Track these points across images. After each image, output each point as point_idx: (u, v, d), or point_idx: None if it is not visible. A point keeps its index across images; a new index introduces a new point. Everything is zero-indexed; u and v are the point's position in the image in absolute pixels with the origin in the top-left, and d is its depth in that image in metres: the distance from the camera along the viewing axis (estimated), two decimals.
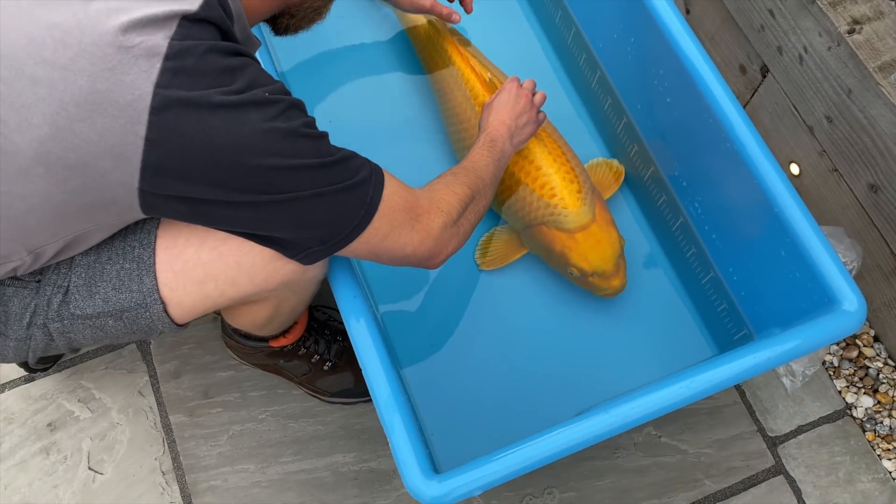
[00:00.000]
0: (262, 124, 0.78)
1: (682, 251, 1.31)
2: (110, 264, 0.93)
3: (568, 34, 1.47)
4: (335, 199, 0.85)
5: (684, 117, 1.18)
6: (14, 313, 0.95)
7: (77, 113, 0.74)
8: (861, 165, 1.24)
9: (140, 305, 0.93)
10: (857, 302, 0.97)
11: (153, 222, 0.95)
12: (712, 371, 0.94)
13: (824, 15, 1.19)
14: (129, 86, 0.73)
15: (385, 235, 0.91)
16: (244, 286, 0.95)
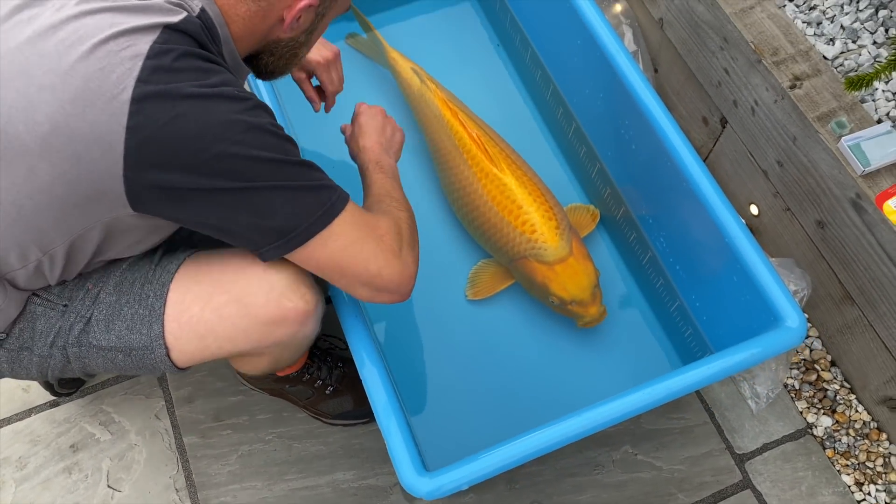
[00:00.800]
0: (230, 115, 0.87)
1: (652, 283, 1.45)
2: (128, 307, 1.06)
3: (546, 91, 1.64)
4: (293, 194, 0.91)
5: (648, 163, 1.33)
6: (40, 331, 1.07)
7: (72, 109, 0.85)
8: (808, 204, 1.39)
9: (147, 347, 1.06)
10: (798, 319, 1.10)
11: (168, 276, 1.06)
12: (675, 378, 1.06)
13: (769, 73, 1.36)
14: (115, 82, 0.85)
15: (348, 244, 0.96)
16: (240, 344, 1.07)
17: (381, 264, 1.00)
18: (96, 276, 1.08)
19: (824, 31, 1.40)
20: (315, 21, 1.04)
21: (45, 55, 0.87)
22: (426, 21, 1.82)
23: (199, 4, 0.93)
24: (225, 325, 1.04)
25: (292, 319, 1.05)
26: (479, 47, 1.79)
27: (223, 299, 1.03)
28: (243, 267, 1.04)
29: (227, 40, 0.97)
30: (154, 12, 0.89)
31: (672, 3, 1.58)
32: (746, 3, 1.42)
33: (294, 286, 1.04)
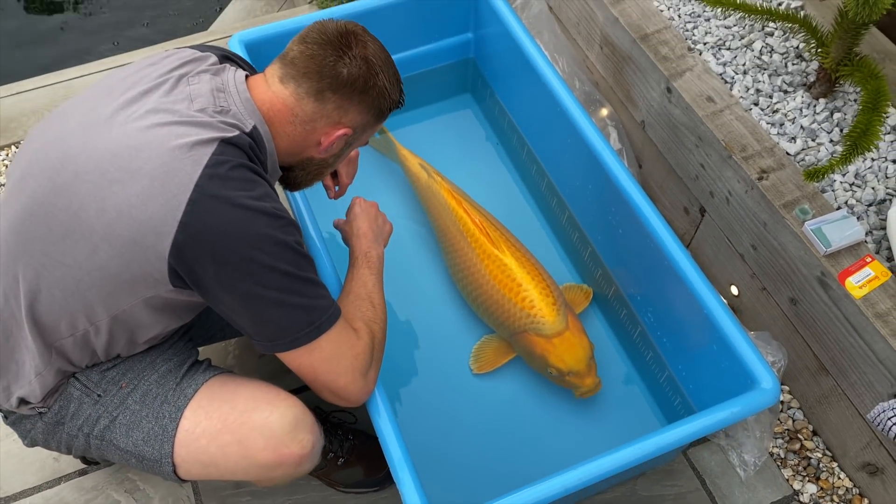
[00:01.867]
0: (267, 229, 1.03)
1: (642, 356, 1.58)
2: (146, 421, 1.19)
3: (542, 183, 1.82)
4: (291, 310, 1.06)
5: (635, 246, 1.49)
6: (73, 412, 1.21)
7: (137, 202, 1.01)
8: (781, 283, 1.53)
9: (156, 461, 1.20)
10: (772, 381, 1.22)
11: (185, 400, 1.19)
12: (664, 434, 1.17)
13: (740, 167, 1.53)
14: (177, 184, 1.01)
15: (326, 358, 1.11)
16: (240, 477, 1.21)
17: (348, 380, 1.15)
18: (131, 376, 1.22)
19: (786, 131, 1.59)
20: (343, 148, 1.22)
21: (118, 156, 1.04)
22: (433, 124, 2.02)
23: (252, 123, 1.10)
24: (227, 461, 1.18)
25: (289, 463, 1.18)
26: (480, 146, 1.98)
27: (228, 439, 1.16)
28: (249, 409, 1.17)
29: (272, 153, 1.15)
30: (213, 128, 1.06)
31: (652, 108, 1.78)
32: (717, 107, 1.61)
33: (293, 433, 1.17)
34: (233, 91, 1.11)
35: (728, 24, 1.78)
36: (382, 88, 1.15)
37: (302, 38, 1.14)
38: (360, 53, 1.12)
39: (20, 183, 1.10)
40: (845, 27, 1.46)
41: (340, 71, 1.10)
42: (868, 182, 1.51)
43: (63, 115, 1.13)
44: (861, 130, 1.35)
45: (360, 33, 1.16)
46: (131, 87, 1.11)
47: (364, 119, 1.17)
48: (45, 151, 1.08)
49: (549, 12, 2.06)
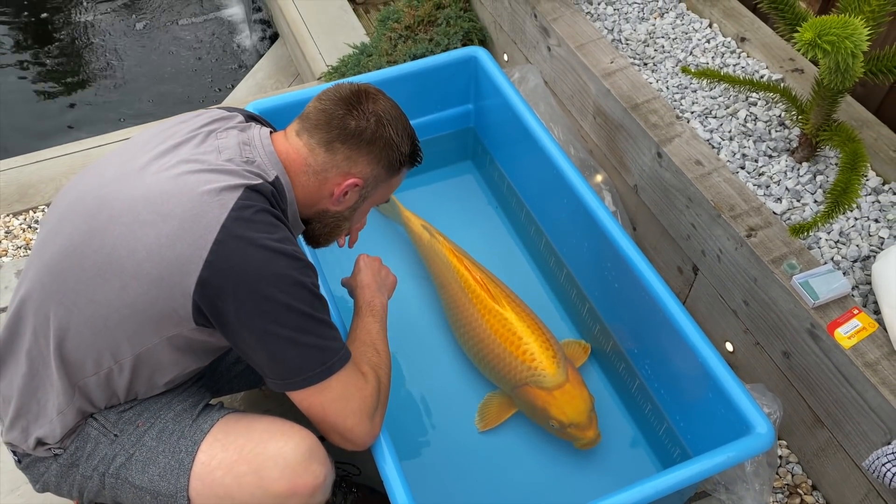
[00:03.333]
0: (286, 269, 1.09)
1: (641, 408, 1.61)
2: (163, 456, 1.22)
3: (540, 243, 1.89)
4: (302, 349, 1.11)
5: (630, 300, 1.54)
6: (89, 452, 1.23)
7: (166, 242, 1.08)
8: (774, 337, 1.58)
9: (172, 496, 1.22)
10: (766, 426, 1.25)
11: (201, 435, 1.23)
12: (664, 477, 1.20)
13: (729, 225, 1.60)
14: (204, 226, 1.08)
15: (336, 398, 1.15)
16: None
17: (356, 421, 1.19)
18: (147, 415, 1.25)
19: (772, 192, 1.67)
20: (358, 201, 1.28)
21: (151, 201, 1.11)
22: (436, 188, 2.11)
23: (275, 173, 1.19)
24: (242, 492, 1.20)
25: (302, 493, 1.20)
26: (481, 209, 2.07)
27: (243, 469, 1.19)
28: (264, 440, 1.21)
29: (292, 202, 1.23)
30: (240, 176, 1.14)
31: (644, 172, 1.86)
32: (705, 170, 1.70)
33: (306, 464, 1.20)
34: (258, 144, 1.20)
35: (714, 95, 1.89)
36: (389, 140, 1.22)
37: (318, 97, 1.24)
38: (370, 108, 1.21)
39: (57, 227, 1.17)
40: (823, 95, 1.56)
41: (349, 123, 1.19)
42: (852, 240, 1.58)
43: (99, 168, 1.21)
44: (841, 189, 1.43)
45: (373, 92, 1.24)
46: (164, 140, 1.20)
47: (374, 171, 1.24)
48: (82, 199, 1.16)
49: (544, 86, 2.18)
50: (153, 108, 3.17)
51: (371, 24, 2.97)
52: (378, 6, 3.06)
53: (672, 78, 1.95)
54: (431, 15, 2.65)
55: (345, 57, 2.70)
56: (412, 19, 2.64)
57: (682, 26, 2.10)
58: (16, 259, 2.10)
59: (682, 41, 2.05)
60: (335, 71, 2.67)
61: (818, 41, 1.13)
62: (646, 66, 2.00)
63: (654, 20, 2.12)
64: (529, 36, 2.27)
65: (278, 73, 3.26)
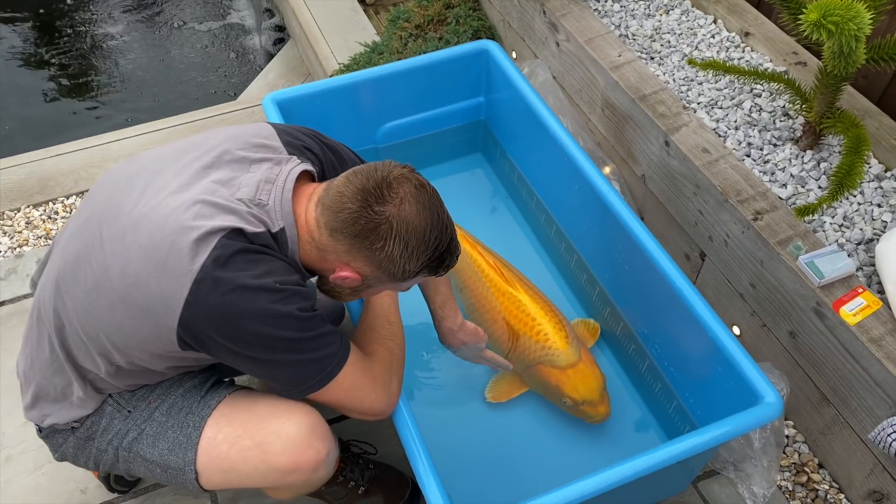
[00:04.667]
0: (266, 305, 1.07)
1: (651, 388, 1.64)
2: (171, 431, 1.27)
3: (551, 230, 1.93)
4: (299, 366, 1.13)
5: (639, 279, 1.58)
6: (104, 427, 1.28)
7: (154, 272, 1.08)
8: (780, 318, 1.62)
9: (180, 469, 1.27)
10: (775, 396, 1.29)
11: (208, 410, 1.27)
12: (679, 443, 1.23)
13: (736, 209, 1.65)
14: (186, 263, 1.06)
15: (346, 392, 1.19)
16: (259, 482, 1.28)
17: (373, 400, 1.24)
18: (158, 392, 1.30)
19: (777, 179, 1.71)
20: (360, 287, 1.20)
21: (153, 224, 1.10)
22: (448, 181, 2.16)
23: (281, 224, 1.14)
24: (246, 466, 1.24)
25: (304, 468, 1.25)
26: (491, 200, 2.11)
27: (247, 443, 1.24)
28: (268, 416, 1.25)
29: (294, 253, 1.17)
30: (239, 218, 1.10)
31: (652, 161, 1.91)
32: (712, 157, 1.75)
33: (308, 439, 1.24)
34: (279, 187, 1.15)
35: (719, 87, 1.94)
36: (391, 255, 1.10)
37: (354, 171, 1.13)
38: (386, 211, 1.09)
39: (82, 226, 1.18)
40: (826, 83, 1.61)
41: (357, 220, 1.09)
42: (856, 224, 1.62)
43: (137, 165, 1.21)
44: (845, 171, 1.48)
45: (403, 192, 1.10)
46: (202, 155, 1.18)
47: (374, 274, 1.14)
48: (107, 204, 1.16)
49: (553, 81, 2.23)
50: (167, 106, 3.22)
51: (381, 24, 3.03)
52: (388, 7, 3.12)
53: (678, 71, 1.99)
54: (441, 14, 2.70)
55: (356, 55, 2.76)
56: (422, 18, 2.70)
57: (687, 22, 2.15)
58: (36, 248, 2.14)
59: (688, 36, 2.10)
60: (347, 69, 2.72)
61: (823, 21, 1.18)
62: (652, 60, 2.05)
63: (660, 16, 2.17)
64: (538, 32, 2.32)
65: (289, 72, 3.31)
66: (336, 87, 1.92)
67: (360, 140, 2.08)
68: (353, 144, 2.07)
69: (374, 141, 2.09)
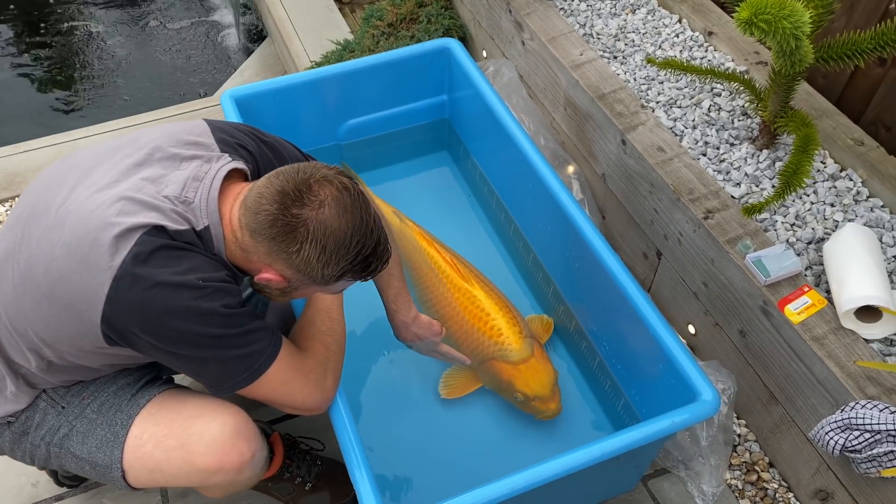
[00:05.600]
0: (188, 301, 1.07)
1: (601, 385, 1.65)
2: (100, 428, 1.27)
3: (510, 228, 1.95)
4: (224, 363, 1.13)
5: (588, 277, 1.59)
6: (37, 423, 1.29)
7: (77, 268, 1.08)
8: (731, 317, 1.63)
9: (107, 467, 1.27)
10: (712, 393, 1.30)
11: (136, 409, 1.27)
12: (611, 440, 1.24)
13: (687, 208, 1.66)
14: (106, 260, 1.06)
15: (276, 388, 1.20)
16: (183, 482, 1.28)
17: (305, 395, 1.24)
18: (92, 388, 1.30)
19: (732, 178, 1.72)
20: (287, 289, 1.18)
21: (78, 221, 1.10)
22: (412, 179, 2.17)
23: (206, 223, 1.13)
24: (171, 466, 1.25)
25: (228, 469, 1.25)
26: (454, 197, 2.12)
27: (172, 443, 1.25)
28: (194, 416, 1.26)
29: (220, 252, 1.16)
30: (162, 215, 1.10)
31: (610, 160, 1.92)
32: (667, 156, 1.76)
33: (232, 441, 1.25)
34: (206, 184, 1.14)
35: (679, 87, 1.95)
36: (307, 259, 1.09)
37: (277, 172, 1.12)
38: (304, 215, 1.08)
39: (12, 223, 1.19)
40: (778, 82, 1.62)
41: (275, 223, 1.08)
42: (808, 223, 1.63)
43: (67, 164, 1.21)
44: (792, 170, 1.49)
45: (324, 194, 1.09)
46: (133, 152, 1.18)
47: (295, 277, 1.13)
48: (36, 200, 1.17)
49: (518, 80, 2.24)
50: (141, 104, 3.23)
51: (356, 22, 3.04)
52: (363, 5, 3.13)
53: (640, 70, 2.01)
54: (413, 13, 2.71)
55: (328, 53, 2.77)
56: (394, 17, 2.71)
57: (652, 21, 2.16)
58: None
59: (652, 35, 2.11)
60: (318, 67, 2.73)
61: (754, 20, 1.19)
62: (615, 60, 2.06)
63: (626, 16, 2.19)
64: (505, 31, 2.33)
65: (265, 70, 3.32)
66: (296, 84, 1.93)
67: (322, 137, 2.09)
68: (315, 142, 2.10)
69: (336, 138, 2.11)
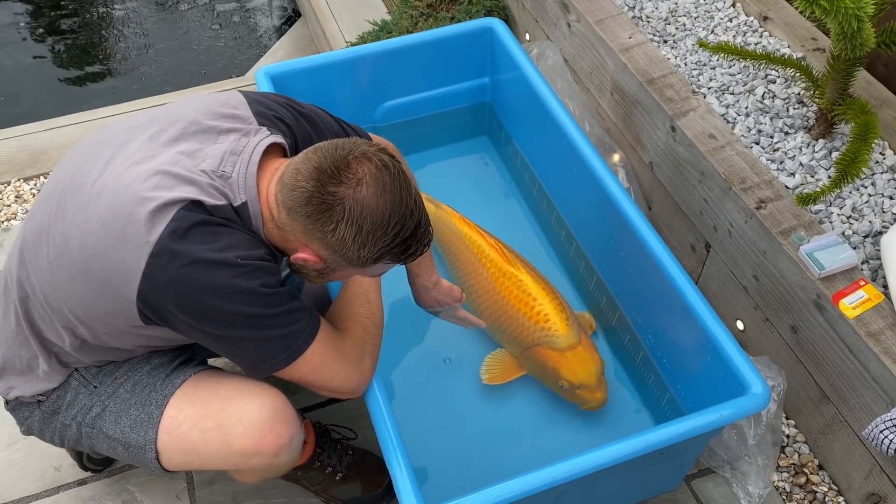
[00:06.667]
0: (226, 280, 1.11)
1: (645, 380, 1.71)
2: (134, 408, 1.33)
3: (552, 216, 2.00)
4: (262, 343, 1.18)
5: (634, 269, 1.64)
6: (69, 402, 1.35)
7: (112, 243, 1.13)
8: (782, 311, 1.66)
9: (141, 448, 1.33)
10: (762, 386, 1.35)
11: (172, 389, 1.33)
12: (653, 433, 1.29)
13: (739, 198, 1.70)
14: (143, 234, 1.11)
15: (315, 369, 1.25)
16: (220, 465, 1.34)
17: (342, 379, 1.30)
18: (125, 368, 1.36)
19: (786, 167, 1.76)
20: (325, 271, 1.22)
21: (114, 195, 1.15)
22: (451, 163, 2.24)
23: (244, 198, 1.17)
24: (208, 448, 1.31)
25: (266, 452, 1.31)
26: (495, 184, 2.19)
27: (209, 424, 1.30)
28: (231, 397, 1.31)
29: (258, 229, 1.21)
30: (199, 190, 1.14)
31: (658, 148, 1.96)
32: (718, 143, 1.80)
33: (271, 423, 1.30)
34: (244, 159, 1.18)
35: (732, 72, 1.99)
36: (342, 239, 1.12)
37: (315, 148, 1.15)
38: (340, 193, 1.11)
39: (45, 198, 1.24)
40: (837, 68, 1.65)
41: (311, 201, 1.11)
42: (865, 215, 1.66)
43: (102, 137, 1.26)
44: (850, 159, 1.52)
45: (362, 172, 1.12)
46: (169, 125, 1.22)
47: (332, 257, 1.17)
48: (71, 174, 1.22)
49: (563, 63, 2.29)
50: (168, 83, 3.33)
51: (394, 3, 3.10)
52: None
53: (691, 55, 2.05)
54: None
55: (364, 34, 2.84)
56: None
57: (704, 5, 2.20)
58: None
59: (704, 20, 2.15)
60: None
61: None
62: (665, 44, 2.10)
63: None
64: (550, 13, 2.38)
65: (298, 51, 3.41)
66: (334, 62, 2.00)
67: (359, 118, 2.14)
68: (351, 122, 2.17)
69: (372, 120, 2.17)
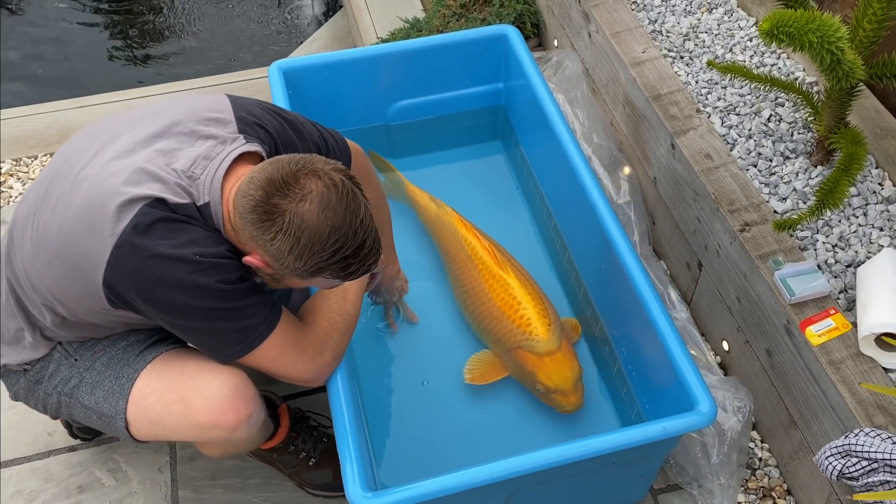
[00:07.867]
0: (183, 275, 1.28)
1: (619, 391, 1.86)
2: (108, 380, 1.53)
3: (550, 226, 2.18)
4: (217, 335, 1.38)
5: (611, 284, 1.80)
6: (51, 373, 1.56)
7: (84, 230, 1.31)
8: (759, 335, 1.79)
9: (111, 417, 1.54)
10: (710, 404, 1.49)
11: (143, 364, 1.53)
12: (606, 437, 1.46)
13: (725, 219, 1.83)
14: (111, 227, 1.29)
15: (271, 360, 1.44)
16: (181, 436, 1.53)
17: (299, 370, 1.49)
18: (104, 343, 1.57)
19: (779, 192, 1.89)
20: (275, 276, 1.38)
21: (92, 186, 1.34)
22: (463, 166, 2.44)
23: (207, 199, 1.34)
24: (171, 419, 1.51)
25: (223, 426, 1.49)
26: (503, 189, 2.38)
27: (172, 397, 1.49)
28: (195, 374, 1.51)
29: (220, 228, 1.37)
30: (166, 188, 1.32)
31: (661, 164, 2.11)
32: (713, 164, 1.94)
33: (230, 399, 1.48)
34: (215, 164, 1.35)
35: (742, 93, 2.12)
36: (279, 249, 1.28)
37: (273, 160, 1.31)
38: (282, 206, 1.26)
39: (41, 181, 1.45)
40: (832, 96, 1.78)
41: (255, 207, 1.27)
42: (852, 245, 1.78)
43: (97, 129, 1.46)
44: (829, 188, 1.65)
45: (309, 188, 1.26)
46: (154, 123, 1.40)
47: (275, 265, 1.32)
48: (62, 161, 1.42)
49: (582, 73, 2.45)
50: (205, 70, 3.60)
51: (430, 0, 3.30)
52: None
53: (704, 73, 2.18)
54: None
55: (395, 30, 3.04)
56: None
57: (727, 23, 2.33)
58: None
59: (725, 38, 2.28)
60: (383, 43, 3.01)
61: (775, 32, 1.37)
62: (681, 59, 2.24)
63: (701, 14, 2.36)
64: (574, 21, 2.54)
65: (335, 43, 3.63)
66: (346, 61, 2.20)
67: (371, 116, 2.36)
68: (364, 120, 2.38)
69: (385, 118, 2.37)
